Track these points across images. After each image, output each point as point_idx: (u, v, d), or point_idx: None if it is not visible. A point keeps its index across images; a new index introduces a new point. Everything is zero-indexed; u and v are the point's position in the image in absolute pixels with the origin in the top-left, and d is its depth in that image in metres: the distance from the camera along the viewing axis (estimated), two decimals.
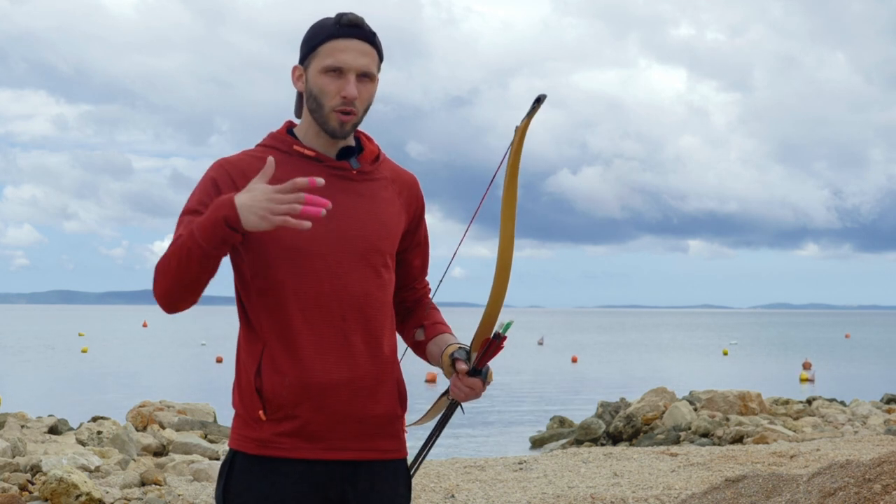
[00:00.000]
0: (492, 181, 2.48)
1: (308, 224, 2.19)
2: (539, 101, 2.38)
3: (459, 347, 2.51)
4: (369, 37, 2.45)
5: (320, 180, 2.19)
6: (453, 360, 2.46)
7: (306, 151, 2.46)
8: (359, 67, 2.42)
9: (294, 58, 2.51)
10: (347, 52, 2.41)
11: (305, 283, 2.40)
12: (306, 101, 2.47)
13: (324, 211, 2.19)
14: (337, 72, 2.41)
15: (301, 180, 2.19)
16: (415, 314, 2.67)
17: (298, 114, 2.54)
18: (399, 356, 2.59)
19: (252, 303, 2.44)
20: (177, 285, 2.31)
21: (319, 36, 2.43)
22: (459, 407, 2.56)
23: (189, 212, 2.40)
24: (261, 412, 2.41)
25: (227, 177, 2.43)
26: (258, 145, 2.52)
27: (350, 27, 2.42)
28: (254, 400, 2.42)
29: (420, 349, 2.65)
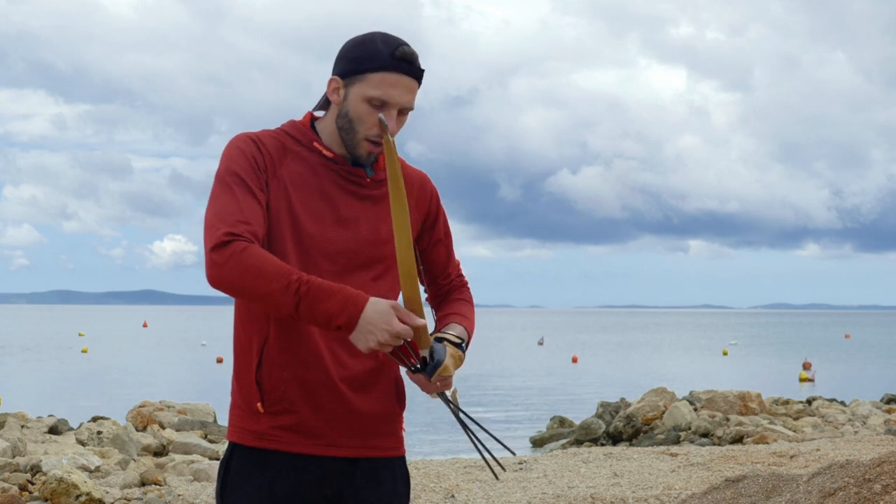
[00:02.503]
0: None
1: None
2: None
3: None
4: (419, 74, 2.42)
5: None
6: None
7: (326, 152, 2.46)
8: (403, 104, 2.40)
9: (294, 57, 2.48)
10: (396, 88, 2.38)
11: None
12: (338, 117, 2.44)
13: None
14: (381, 105, 2.39)
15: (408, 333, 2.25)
16: (439, 308, 2.65)
17: (321, 108, 2.53)
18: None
19: None
20: (243, 296, 2.29)
21: (371, 63, 2.38)
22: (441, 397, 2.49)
23: (236, 184, 2.35)
24: (259, 404, 2.42)
25: (261, 157, 2.41)
26: (279, 129, 2.50)
27: (405, 63, 2.39)
28: (252, 391, 2.42)
29: None
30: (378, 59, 2.38)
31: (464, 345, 2.47)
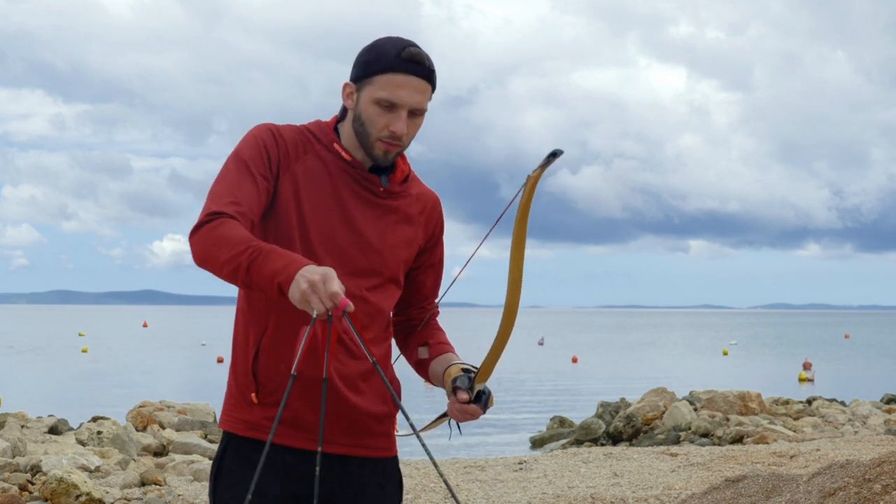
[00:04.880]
0: (497, 221, 2.46)
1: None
2: (554, 154, 2.29)
3: (462, 372, 2.49)
4: (428, 74, 2.43)
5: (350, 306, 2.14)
6: (454, 388, 2.46)
7: (344, 154, 2.47)
8: (412, 105, 2.41)
9: (294, 57, 2.48)
10: (404, 88, 2.39)
11: None
12: (353, 120, 2.46)
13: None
14: (389, 106, 2.40)
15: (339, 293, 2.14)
16: (420, 333, 2.67)
17: (342, 118, 2.54)
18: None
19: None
20: (212, 265, 2.29)
21: (379, 64, 2.40)
22: (457, 427, 2.57)
23: (238, 168, 2.39)
24: (253, 395, 2.44)
25: (276, 148, 2.43)
26: (304, 125, 2.53)
27: (411, 63, 2.39)
28: (248, 381, 2.44)
29: (422, 367, 2.64)
30: (385, 60, 2.39)
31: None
